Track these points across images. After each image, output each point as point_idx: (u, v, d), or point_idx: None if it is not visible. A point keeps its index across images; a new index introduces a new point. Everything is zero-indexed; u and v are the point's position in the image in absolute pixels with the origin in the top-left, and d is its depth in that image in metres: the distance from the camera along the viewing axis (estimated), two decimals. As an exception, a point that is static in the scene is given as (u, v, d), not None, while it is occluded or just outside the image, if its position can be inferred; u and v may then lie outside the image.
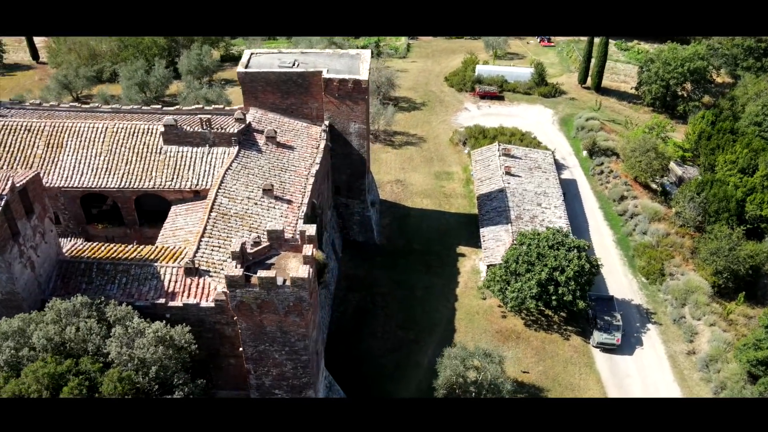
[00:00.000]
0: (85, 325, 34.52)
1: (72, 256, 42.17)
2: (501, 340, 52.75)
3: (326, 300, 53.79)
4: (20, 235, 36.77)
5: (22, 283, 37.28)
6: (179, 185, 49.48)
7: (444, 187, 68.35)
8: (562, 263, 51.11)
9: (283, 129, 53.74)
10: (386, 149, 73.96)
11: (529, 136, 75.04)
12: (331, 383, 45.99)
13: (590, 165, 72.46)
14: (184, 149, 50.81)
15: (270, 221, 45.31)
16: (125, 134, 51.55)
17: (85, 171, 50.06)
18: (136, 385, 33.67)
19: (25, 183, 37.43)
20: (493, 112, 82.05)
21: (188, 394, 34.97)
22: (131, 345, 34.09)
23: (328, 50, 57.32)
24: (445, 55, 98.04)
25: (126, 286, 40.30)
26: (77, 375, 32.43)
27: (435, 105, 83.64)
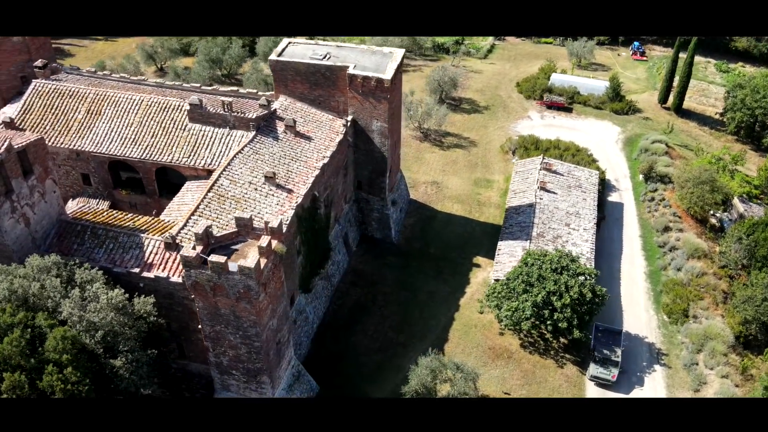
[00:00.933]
0: (51, 283, 37.18)
1: (74, 217, 45.42)
2: (491, 357, 51.67)
3: (324, 291, 54.71)
4: (14, 192, 40.02)
5: (13, 237, 40.60)
6: (194, 163, 51.81)
7: (480, 194, 67.19)
8: (561, 288, 49.26)
9: (307, 119, 54.83)
10: (433, 149, 73.52)
11: (584, 152, 72.14)
12: (300, 373, 46.88)
13: (643, 190, 68.78)
14: (206, 129, 53.06)
15: (265, 208, 46.67)
16: (157, 108, 54.45)
17: (114, 139, 53.42)
18: (82, 346, 35.98)
19: (24, 146, 40.67)
20: (555, 123, 79.41)
21: (132, 361, 36.88)
22: (84, 308, 36.39)
23: (362, 46, 57.65)
24: (527, 60, 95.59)
25: (111, 252, 42.96)
26: (28, 328, 35.10)
27: (498, 110, 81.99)
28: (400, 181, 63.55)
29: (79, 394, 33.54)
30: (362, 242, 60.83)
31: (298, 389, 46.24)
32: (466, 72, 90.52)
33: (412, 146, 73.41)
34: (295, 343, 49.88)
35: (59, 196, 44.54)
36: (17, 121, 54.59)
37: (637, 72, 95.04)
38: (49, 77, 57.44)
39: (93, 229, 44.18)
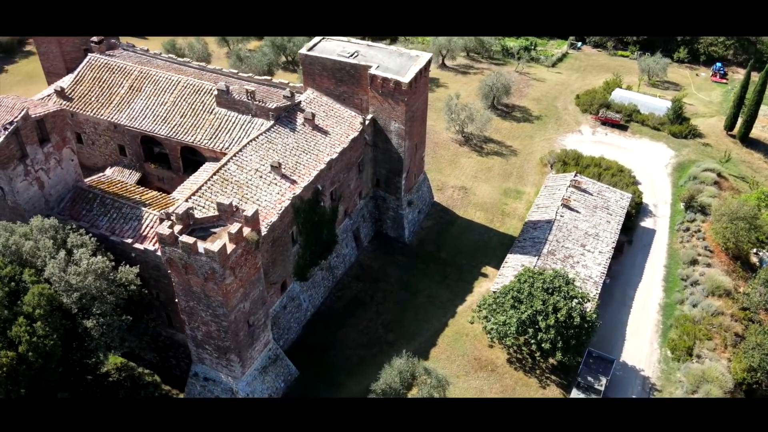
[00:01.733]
0: (43, 243, 40.79)
1: (89, 185, 49.19)
2: (475, 367, 51.83)
3: (324, 281, 56.39)
4: (29, 157, 43.95)
5: (25, 198, 44.65)
6: (214, 145, 54.67)
7: (507, 204, 66.77)
8: (548, 309, 48.72)
9: (328, 114, 56.48)
10: (470, 154, 73.47)
11: (626, 173, 70.06)
12: (278, 357, 48.84)
13: (680, 219, 66.16)
14: (230, 114, 55.78)
15: (265, 196, 48.79)
16: (190, 90, 57.68)
17: (148, 116, 57.11)
18: (59, 304, 39.34)
19: (43, 115, 44.53)
20: (606, 140, 77.31)
21: (103, 324, 39.90)
22: (65, 269, 39.74)
23: (391, 47, 58.50)
24: (596, 73, 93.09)
25: (113, 221, 46.36)
26: (12, 281, 38.82)
27: (549, 121, 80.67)
28: (423, 183, 64.14)
29: (44, 347, 36.85)
30: (375, 238, 62.03)
31: (273, 372, 48.29)
32: (528, 79, 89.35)
33: (450, 149, 73.69)
34: (284, 328, 52.02)
35: (77, 164, 48.35)
36: (68, 91, 59.40)
37: (712, 95, 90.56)
38: (104, 52, 61.94)
39: (102, 198, 47.76)
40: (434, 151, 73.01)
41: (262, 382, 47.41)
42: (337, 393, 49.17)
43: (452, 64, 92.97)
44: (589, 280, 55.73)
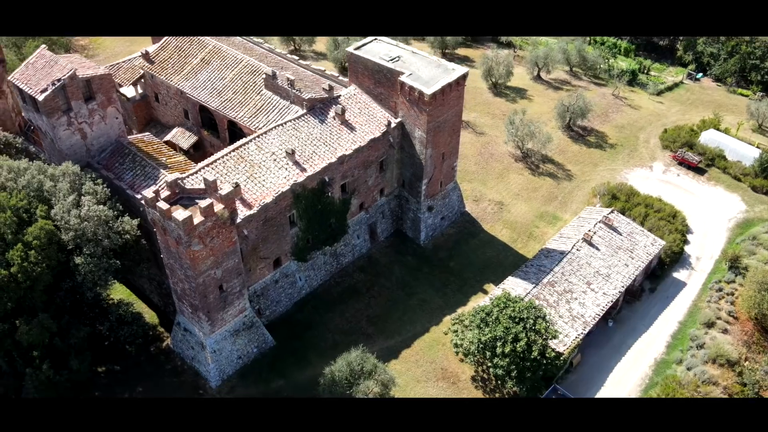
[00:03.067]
0: (60, 185, 48.12)
1: (130, 142, 56.32)
2: (438, 377, 53.73)
3: (325, 266, 60.24)
4: (72, 111, 51.50)
5: (67, 144, 52.44)
6: (251, 123, 59.97)
7: (537, 228, 66.63)
8: (508, 336, 49.48)
9: (362, 111, 59.70)
10: (522, 171, 73.41)
11: (679, 220, 66.97)
12: (254, 325, 53.64)
13: (717, 278, 62.69)
14: (273, 98, 60.70)
15: (271, 178, 53.33)
16: (248, 70, 63.24)
17: (207, 88, 63.51)
18: (58, 240, 46.43)
19: (90, 77, 51.82)
20: (675, 181, 73.79)
21: (90, 263, 46.51)
22: (70, 211, 46.75)
23: (433, 57, 60.19)
24: (702, 108, 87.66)
25: (135, 177, 53.16)
26: (26, 212, 46.41)
27: (623, 151, 78.09)
28: (452, 191, 65.57)
29: (32, 272, 44.01)
30: (394, 236, 64.72)
31: (246, 337, 53.24)
32: (622, 104, 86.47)
33: (503, 163, 74.08)
34: (273, 300, 56.74)
35: (121, 122, 55.55)
36: (152, 55, 67.21)
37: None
38: (193, 24, 69.00)
39: (134, 155, 54.67)
40: (486, 162, 73.86)
41: (233, 343, 52.54)
42: (302, 370, 53.18)
43: (548, 78, 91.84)
44: (580, 318, 55.19)
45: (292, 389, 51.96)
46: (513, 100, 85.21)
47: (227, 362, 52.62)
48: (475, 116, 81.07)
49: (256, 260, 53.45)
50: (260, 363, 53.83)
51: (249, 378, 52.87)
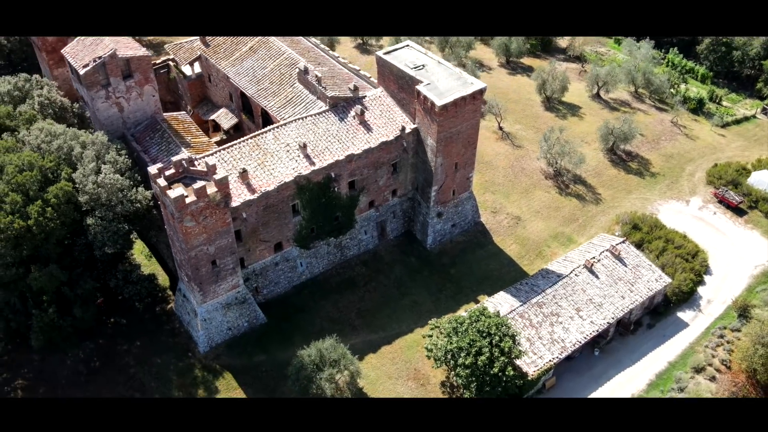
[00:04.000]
0: (86, 152, 53.77)
1: (164, 119, 61.57)
2: (409, 376, 56.04)
3: (328, 255, 63.49)
4: (111, 86, 57.14)
5: (105, 116, 58.31)
6: (278, 114, 63.85)
7: (548, 248, 66.97)
8: (472, 349, 51.07)
9: (383, 113, 62.18)
10: (550, 189, 73.44)
11: (699, 260, 65.37)
12: (246, 301, 57.77)
13: (721, 324, 61.08)
14: (303, 92, 64.28)
15: (279, 168, 56.99)
16: (288, 63, 67.11)
17: (249, 75, 67.95)
18: (75, 202, 52.10)
19: (128, 57, 57.17)
20: (708, 219, 71.56)
21: (100, 225, 51.85)
22: (88, 177, 52.30)
23: (457, 69, 61.53)
24: (766, 148, 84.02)
25: (159, 152, 58.36)
26: (53, 174, 52.34)
27: (663, 182, 76.25)
28: (466, 201, 66.88)
29: (47, 227, 49.82)
30: (405, 236, 66.99)
31: (237, 311, 57.49)
32: (678, 133, 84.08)
33: (533, 179, 74.38)
34: (271, 281, 60.70)
35: (157, 100, 60.86)
36: (209, 39, 72.26)
37: None
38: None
39: (164, 132, 59.86)
40: (516, 176, 74.47)
41: (223, 315, 56.95)
42: (285, 349, 56.70)
43: (607, 97, 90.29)
44: (559, 342, 55.76)
45: (270, 365, 55.79)
46: (563, 116, 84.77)
47: (217, 332, 57.13)
48: (519, 128, 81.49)
49: (255, 242, 57.46)
50: (248, 337, 58.01)
51: (235, 349, 57.19)
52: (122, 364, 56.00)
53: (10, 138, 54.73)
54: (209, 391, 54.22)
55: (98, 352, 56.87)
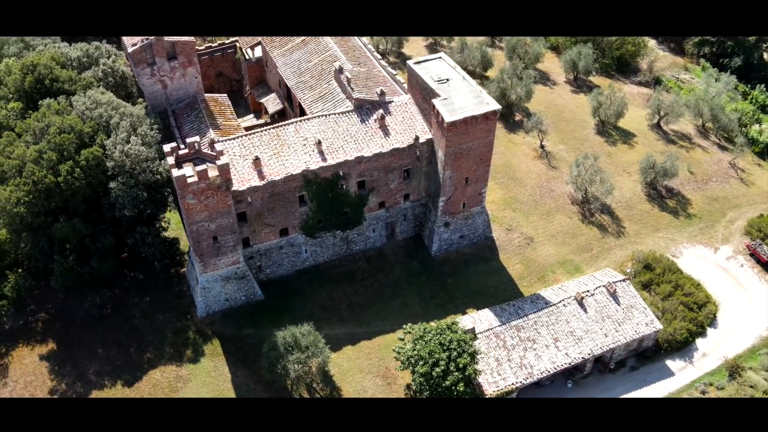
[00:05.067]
0: (122, 123, 59.94)
1: (204, 99, 67.00)
2: (379, 374, 59.17)
3: (333, 246, 67.10)
4: (156, 65, 63.03)
5: (150, 90, 64.49)
6: (309, 107, 67.76)
7: (553, 273, 67.31)
8: (429, 360, 53.35)
9: (405, 120, 64.60)
10: (572, 215, 73.10)
11: (707, 312, 63.84)
12: (246, 277, 62.64)
13: (707, 380, 59.71)
14: (336, 90, 67.84)
15: (291, 159, 60.96)
16: (330, 59, 70.74)
17: (294, 66, 72.40)
18: (103, 166, 58.42)
19: (173, 42, 62.70)
20: (733, 271, 68.91)
21: (120, 189, 57.95)
22: (117, 145, 58.40)
23: (478, 88, 62.63)
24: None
25: (191, 129, 63.92)
26: (90, 138, 58.93)
27: (697, 225, 73.73)
28: (478, 215, 68.09)
29: (73, 183, 56.44)
30: (414, 239, 69.39)
31: (235, 285, 62.49)
32: (732, 176, 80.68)
33: (558, 201, 74.30)
34: (275, 262, 65.25)
35: (200, 81, 66.36)
36: (269, 27, 76.99)
37: None
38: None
39: (199, 112, 65.30)
40: (541, 196, 74.69)
41: (222, 286, 62.12)
42: (272, 327, 60.24)
43: (668, 128, 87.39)
44: (527, 368, 56.95)
45: (255, 338, 60.37)
46: (612, 143, 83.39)
47: (214, 301, 62.46)
48: (561, 149, 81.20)
49: (261, 225, 62.01)
50: (243, 310, 62.98)
51: (229, 319, 62.38)
52: (129, 315, 62.58)
53: (64, 101, 61.75)
54: (195, 353, 59.80)
55: (112, 300, 63.77)
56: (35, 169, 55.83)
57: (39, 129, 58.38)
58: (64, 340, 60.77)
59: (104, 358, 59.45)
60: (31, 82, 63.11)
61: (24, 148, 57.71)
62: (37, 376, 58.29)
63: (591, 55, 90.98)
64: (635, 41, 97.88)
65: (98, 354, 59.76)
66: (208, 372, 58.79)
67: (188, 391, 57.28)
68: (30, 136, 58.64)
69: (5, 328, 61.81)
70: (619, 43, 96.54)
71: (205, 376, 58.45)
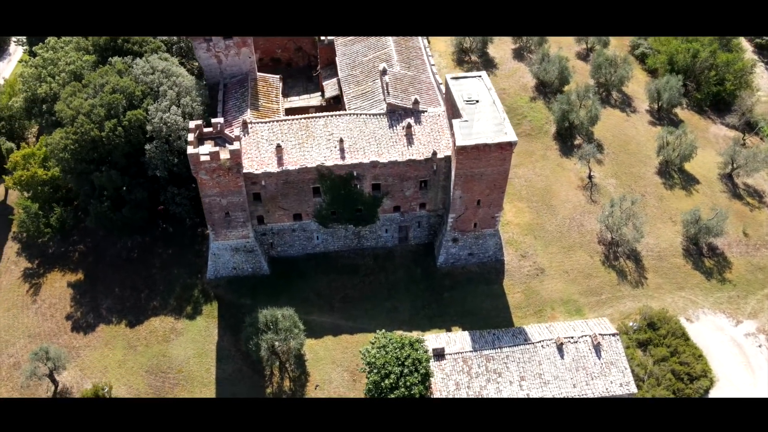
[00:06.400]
0: (169, 91, 65.57)
1: (254, 78, 71.34)
2: (348, 368, 62.56)
3: (345, 238, 70.19)
4: (212, 41, 67.89)
5: (206, 64, 69.97)
6: (349, 103, 70.34)
7: (551, 310, 66.65)
8: (382, 369, 55.77)
9: (432, 132, 65.99)
10: (595, 255, 71.09)
11: (697, 384, 61.31)
12: (254, 251, 67.41)
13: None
14: (377, 90, 70.10)
15: (311, 152, 64.20)
16: (383, 58, 72.77)
17: (350, 58, 75.05)
18: (143, 126, 64.48)
19: (229, 23, 66.96)
20: (747, 348, 64.56)
21: (153, 151, 63.90)
22: (158, 111, 64.06)
23: (503, 114, 62.26)
24: None
25: (233, 106, 68.78)
26: (139, 100, 65.11)
27: (728, 292, 69.25)
28: (489, 237, 68.24)
29: (114, 139, 62.95)
30: (425, 246, 70.91)
31: (243, 256, 67.54)
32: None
33: (585, 238, 72.51)
34: (287, 242, 69.50)
35: (253, 61, 70.93)
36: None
37: None
38: None
39: (246, 90, 69.78)
40: (568, 229, 73.12)
41: (231, 256, 67.39)
42: (267, 302, 64.66)
43: (740, 181, 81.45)
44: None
45: (248, 309, 64.76)
46: (670, 187, 79.27)
47: (223, 267, 67.89)
48: (610, 184, 78.52)
49: (274, 207, 66.16)
50: (247, 280, 68.01)
51: (232, 286, 67.73)
52: (150, 263, 69.53)
53: (128, 62, 68.20)
54: (194, 311, 65.84)
55: (140, 246, 70.96)
56: (85, 121, 62.79)
57: (98, 85, 65.22)
58: (91, 273, 68.78)
59: (118, 297, 66.84)
60: (106, 39, 70.06)
61: (82, 100, 64.78)
62: (61, 300, 66.74)
63: (678, 87, 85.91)
64: (738, 77, 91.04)
65: (114, 292, 67.26)
66: (199, 330, 64.65)
67: (177, 345, 63.49)
68: (90, 89, 65.65)
69: (48, 252, 70.77)
70: (717, 77, 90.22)
71: (196, 334, 64.36)
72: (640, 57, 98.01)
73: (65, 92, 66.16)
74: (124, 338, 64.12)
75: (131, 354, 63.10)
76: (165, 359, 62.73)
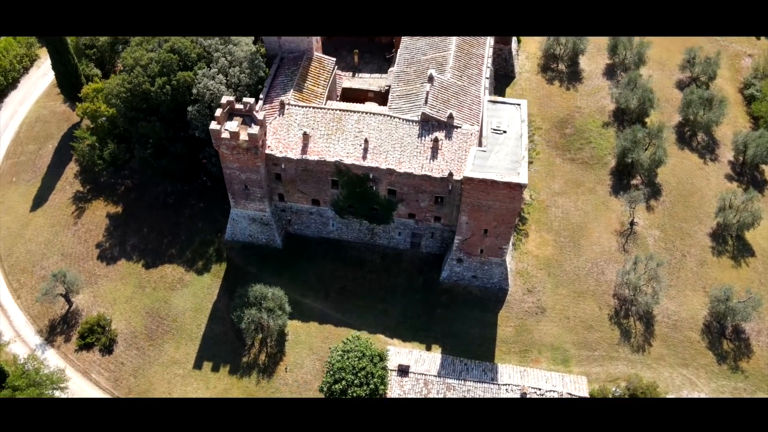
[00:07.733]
0: (221, 59, 68.62)
1: (309, 58, 72.90)
2: (320, 358, 65.30)
3: (359, 231, 71.80)
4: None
5: (267, 41, 72.29)
6: (391, 100, 70.42)
7: (538, 353, 65.11)
8: (337, 373, 58.10)
9: (459, 150, 65.00)
10: (604, 308, 67.92)
11: None
12: (269, 224, 70.75)
13: None
14: (420, 95, 69.29)
15: (333, 146, 65.53)
16: (440, 61, 71.84)
17: (411, 53, 74.53)
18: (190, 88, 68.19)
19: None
20: None
21: (194, 113, 67.67)
22: (204, 77, 67.42)
23: (524, 152, 60.37)
24: None
25: (280, 83, 70.90)
26: (194, 63, 68.73)
27: (734, 381, 63.91)
28: (495, 266, 67.30)
29: (161, 96, 67.28)
30: (435, 257, 71.06)
31: (258, 228, 71.20)
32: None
33: (601, 288, 69.47)
34: (304, 222, 72.33)
35: (311, 41, 72.08)
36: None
37: None
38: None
39: (297, 69, 71.51)
40: (586, 275, 70.22)
41: (248, 225, 71.36)
42: (271, 277, 68.96)
43: (798, 259, 74.30)
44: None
45: (251, 279, 68.75)
46: (718, 253, 73.44)
47: (240, 232, 71.93)
48: (653, 235, 73.98)
49: (294, 189, 68.65)
50: (259, 250, 71.77)
51: (245, 251, 71.83)
52: (181, 212, 74.79)
53: (196, 22, 71.66)
54: (205, 268, 70.85)
55: (178, 194, 76.22)
56: (140, 73, 67.47)
57: (162, 40, 69.39)
58: (129, 209, 75.07)
59: (143, 238, 72.81)
60: (183, -6, 73.68)
61: (144, 51, 69.27)
62: (97, 227, 73.69)
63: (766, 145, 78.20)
64: None
65: (142, 232, 73.28)
66: (203, 287, 69.53)
67: (179, 295, 68.83)
68: (155, 42, 69.97)
69: (100, 181, 77.70)
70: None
71: (199, 289, 69.33)
72: (749, 98, 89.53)
73: (134, 40, 70.93)
74: (138, 277, 70.20)
75: (139, 293, 69.16)
76: (165, 306, 68.28)
